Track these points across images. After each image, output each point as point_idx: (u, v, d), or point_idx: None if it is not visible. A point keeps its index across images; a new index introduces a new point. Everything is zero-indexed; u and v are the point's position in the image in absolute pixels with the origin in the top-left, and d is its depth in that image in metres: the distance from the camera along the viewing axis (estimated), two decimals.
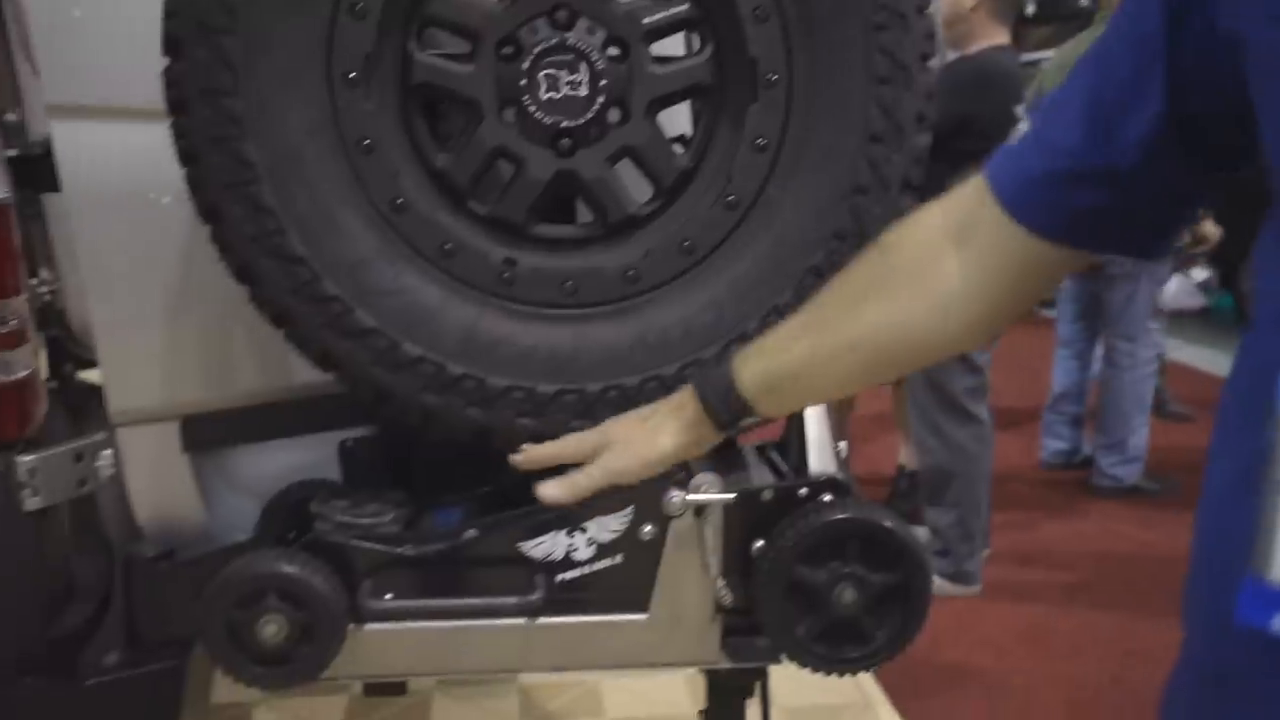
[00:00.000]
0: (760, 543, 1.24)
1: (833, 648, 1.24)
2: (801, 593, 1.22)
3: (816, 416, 1.32)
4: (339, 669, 1.25)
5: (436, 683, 2.72)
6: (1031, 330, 5.04)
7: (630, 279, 1.24)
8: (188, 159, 1.16)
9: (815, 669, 1.25)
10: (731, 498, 1.24)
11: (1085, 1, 4.05)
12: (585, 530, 1.26)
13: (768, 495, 1.25)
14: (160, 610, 1.39)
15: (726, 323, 1.23)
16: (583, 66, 1.19)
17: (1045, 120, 0.81)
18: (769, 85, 1.21)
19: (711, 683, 1.41)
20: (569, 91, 1.19)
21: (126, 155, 1.33)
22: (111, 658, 1.40)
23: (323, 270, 1.17)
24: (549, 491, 1.09)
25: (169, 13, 1.13)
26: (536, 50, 1.18)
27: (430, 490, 1.43)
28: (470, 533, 1.27)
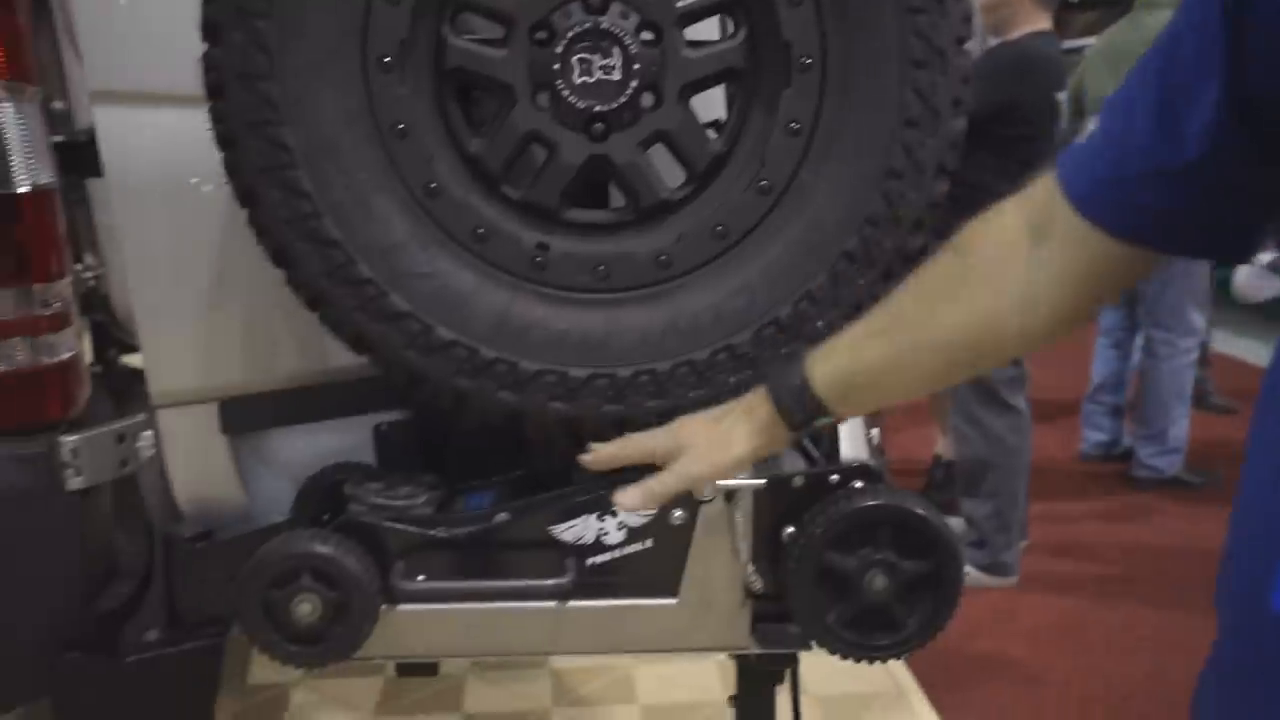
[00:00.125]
0: (791, 529, 1.24)
1: (863, 635, 1.24)
2: (832, 579, 1.22)
3: None
4: (372, 649, 1.27)
5: (470, 666, 2.74)
6: None
7: (662, 264, 1.24)
8: (225, 143, 1.17)
9: (845, 656, 1.25)
10: (762, 483, 1.24)
11: None
12: (616, 514, 1.27)
13: (799, 481, 1.25)
14: (198, 589, 1.41)
15: (758, 308, 1.23)
16: (616, 51, 1.19)
17: (1113, 117, 0.79)
18: (803, 69, 1.20)
19: (741, 669, 1.41)
20: (602, 76, 1.19)
21: (167, 141, 1.35)
22: (152, 635, 1.43)
23: (357, 254, 1.18)
24: (625, 498, 1.05)
25: None
26: (570, 35, 1.18)
27: (463, 474, 1.45)
28: (502, 516, 1.29)
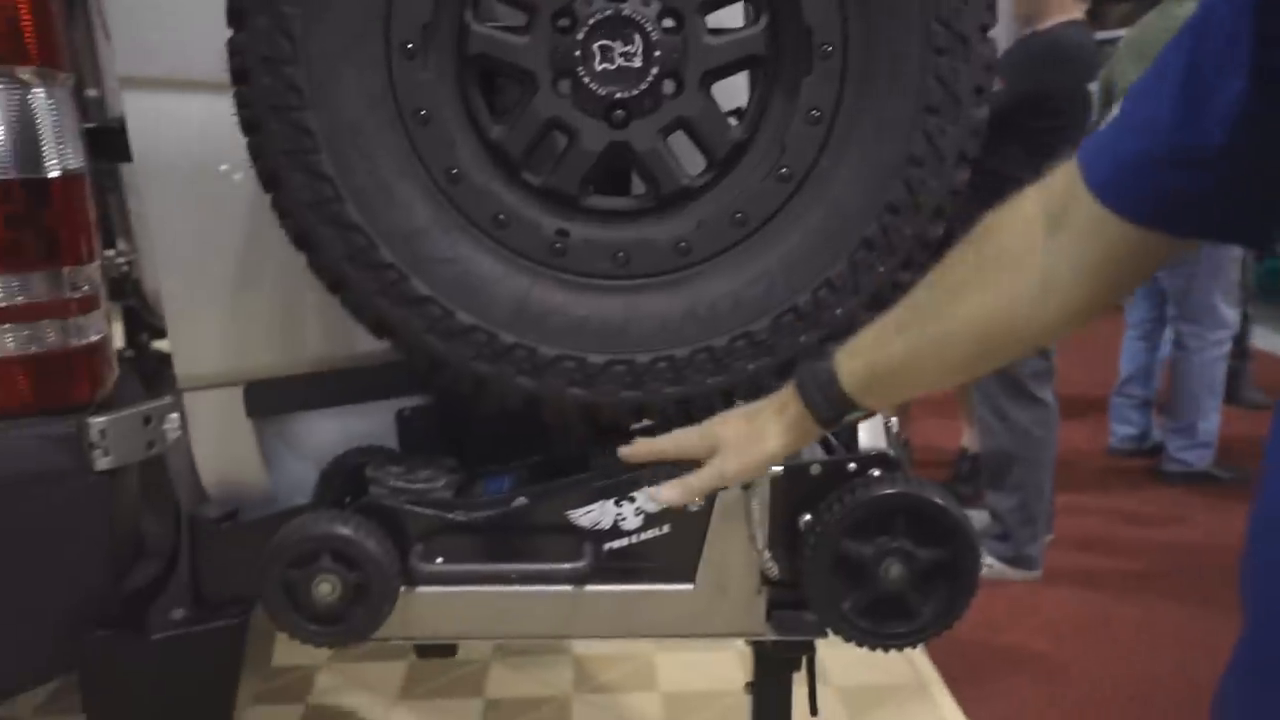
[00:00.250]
0: (808, 516, 1.24)
1: (879, 623, 1.24)
2: (848, 567, 1.22)
3: None
4: (391, 630, 1.28)
5: (492, 651, 2.76)
6: (1102, 316, 4.92)
7: (682, 250, 1.24)
8: (250, 128, 1.18)
9: (860, 644, 1.25)
10: (779, 471, 1.24)
11: None
12: (633, 500, 1.28)
13: (816, 469, 1.25)
14: (223, 570, 1.43)
15: (777, 295, 1.23)
16: (637, 38, 1.19)
17: (1137, 101, 0.78)
18: (824, 56, 1.20)
19: (758, 656, 1.41)
20: (623, 63, 1.20)
21: (195, 126, 1.36)
22: (178, 613, 1.45)
23: (378, 238, 1.19)
24: (666, 494, 1.08)
25: None
26: (591, 21, 1.18)
27: (483, 458, 1.46)
28: (520, 500, 1.30)
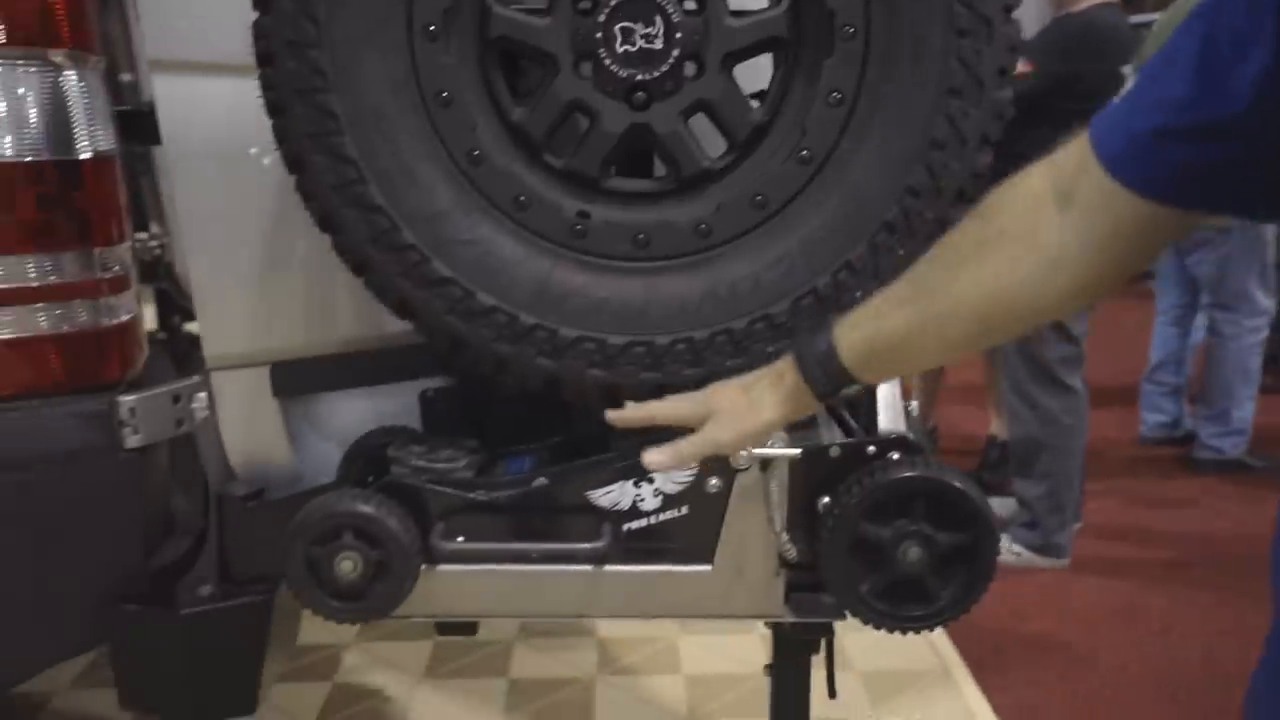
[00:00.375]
0: (826, 499, 1.24)
1: (896, 605, 1.24)
2: (866, 549, 1.22)
3: None
4: (412, 607, 1.30)
5: (517, 632, 2.78)
6: (1133, 303, 4.88)
7: (702, 233, 1.24)
8: (275, 110, 1.20)
9: (878, 626, 1.25)
10: (797, 453, 1.24)
11: None
12: (652, 481, 1.28)
13: (835, 452, 1.25)
14: (249, 547, 1.45)
15: (797, 277, 1.23)
16: (659, 19, 1.19)
17: (1153, 74, 0.77)
18: (846, 38, 1.19)
19: (777, 638, 1.42)
20: (644, 45, 1.20)
21: (223, 109, 1.38)
22: (205, 590, 1.47)
23: (401, 220, 1.20)
24: (654, 457, 1.07)
25: None
26: (613, 3, 1.18)
27: (505, 440, 1.47)
28: (540, 480, 1.31)
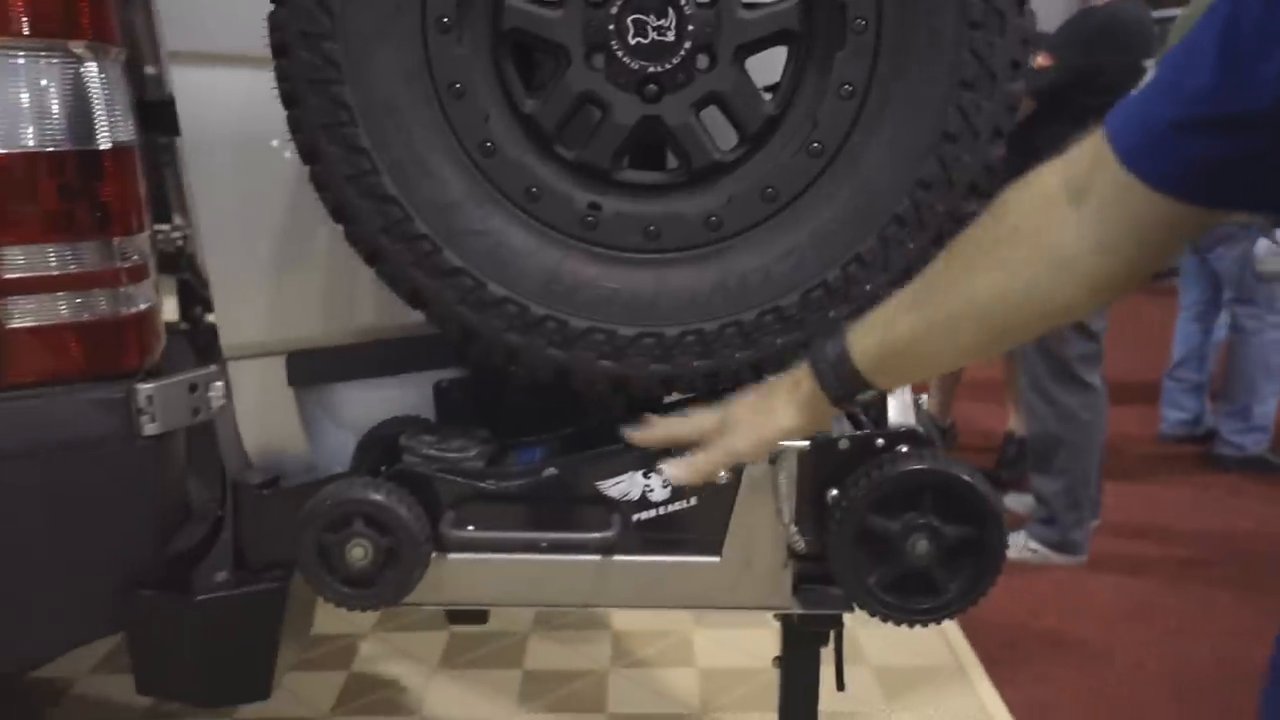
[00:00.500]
0: (834, 491, 1.24)
1: (904, 598, 1.24)
2: (874, 542, 1.22)
3: None
4: (422, 595, 1.31)
5: (532, 625, 2.80)
6: (1155, 299, 4.84)
7: (712, 225, 1.24)
8: (289, 101, 1.21)
9: (885, 619, 1.25)
10: (806, 445, 1.24)
11: None
12: (661, 472, 1.28)
13: (843, 444, 1.25)
14: (264, 534, 1.46)
15: (807, 270, 1.23)
16: (671, 12, 1.19)
17: (1172, 65, 0.75)
18: (858, 30, 1.19)
19: (785, 629, 1.42)
20: (656, 37, 1.20)
21: (240, 100, 1.39)
22: (221, 576, 1.49)
23: (413, 210, 1.21)
24: (673, 472, 1.08)
25: None
26: None
27: (517, 430, 1.48)
28: (550, 470, 1.31)
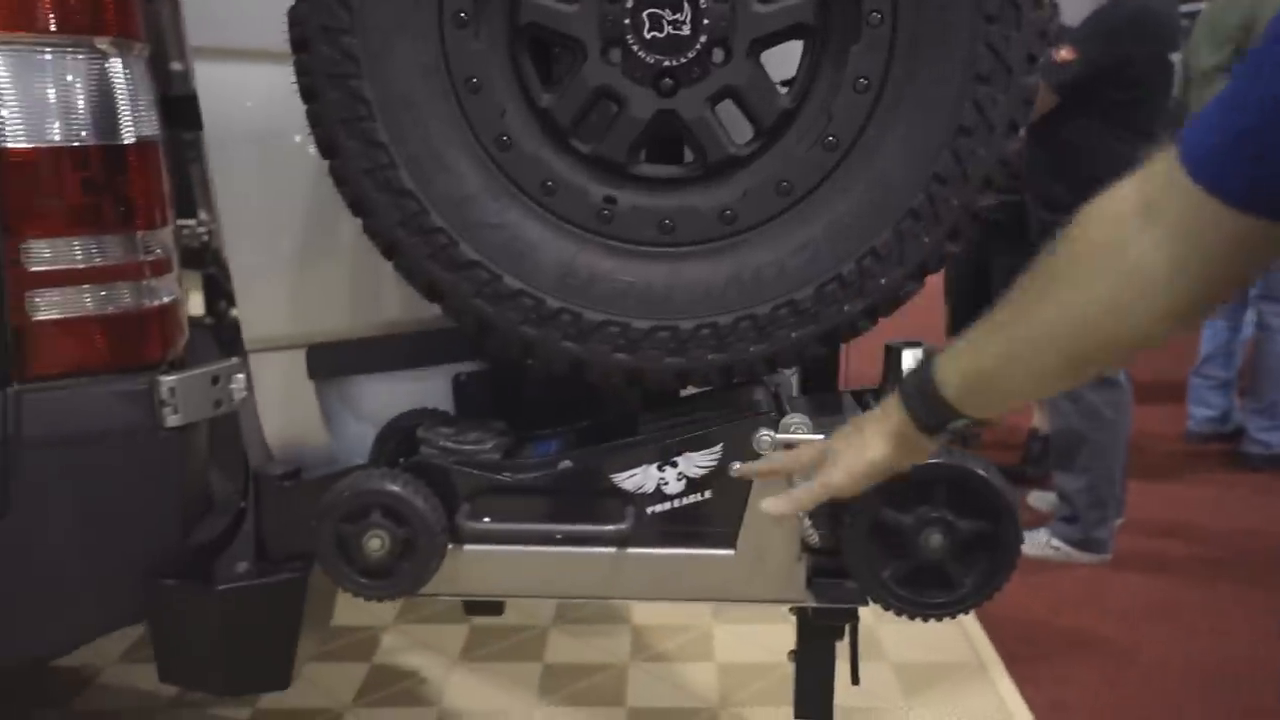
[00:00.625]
0: None
1: (918, 592, 1.24)
2: (887, 536, 1.22)
3: (914, 363, 1.31)
4: (438, 586, 1.32)
5: (552, 618, 2.81)
6: None
7: (727, 218, 1.25)
8: (308, 96, 1.22)
9: (899, 613, 1.25)
10: (820, 439, 1.24)
11: None
12: (676, 465, 1.29)
13: None
14: (285, 525, 1.48)
15: (822, 263, 1.23)
16: (686, 6, 1.20)
17: (1242, 76, 0.72)
18: (873, 25, 1.19)
19: (801, 623, 1.42)
20: (672, 31, 1.20)
21: (261, 95, 1.41)
22: (242, 566, 1.51)
23: (430, 204, 1.22)
24: (773, 505, 1.12)
25: None
26: None
27: (535, 423, 1.48)
28: (565, 463, 1.32)
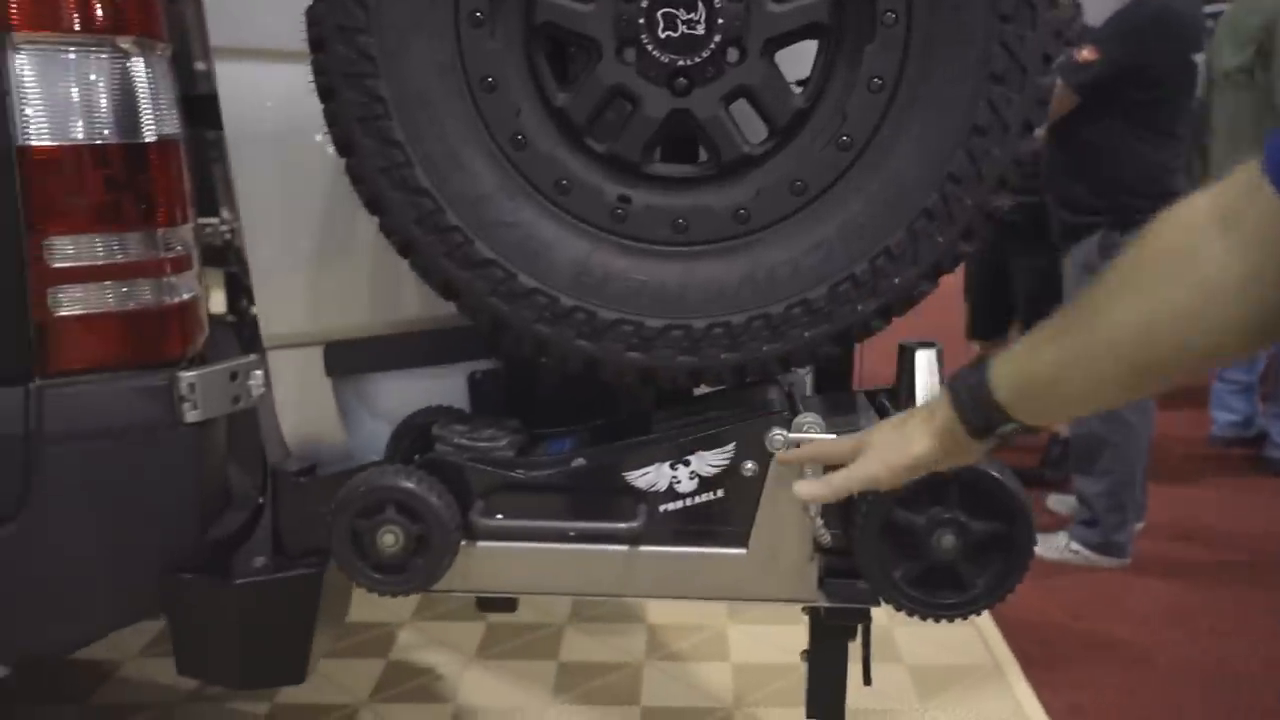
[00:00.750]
0: None
1: (930, 593, 1.24)
2: (900, 536, 1.22)
3: (927, 363, 1.31)
4: (451, 582, 1.33)
5: (568, 616, 2.82)
6: None
7: (741, 218, 1.25)
8: (326, 95, 1.23)
9: (911, 613, 1.25)
10: (832, 438, 1.24)
11: None
12: (688, 463, 1.29)
13: None
14: (301, 521, 1.49)
15: (836, 263, 1.23)
16: (700, 5, 1.20)
17: None
18: (888, 24, 1.19)
19: (813, 623, 1.42)
20: (686, 31, 1.21)
21: (280, 95, 1.42)
22: (259, 561, 1.52)
23: (445, 202, 1.23)
24: (807, 488, 1.09)
25: None
26: None
27: (550, 421, 1.49)
28: (578, 461, 1.33)
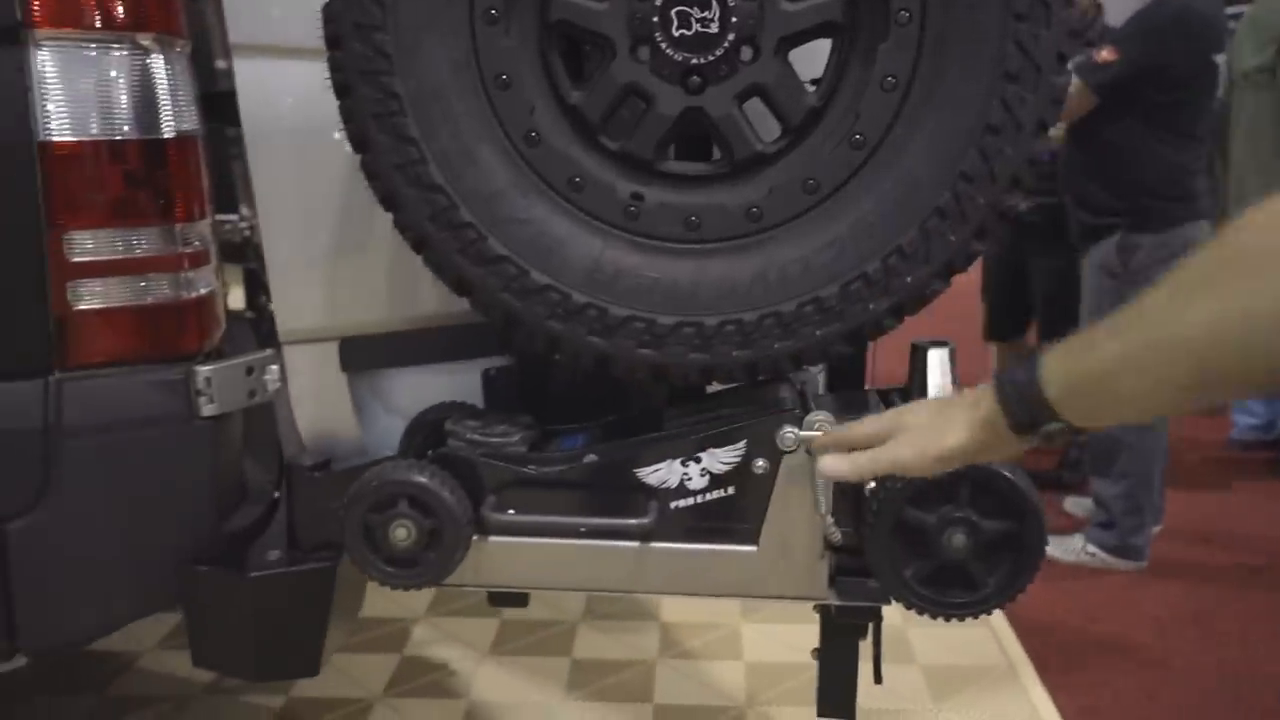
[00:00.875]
0: (872, 483, 1.24)
1: (940, 592, 1.24)
2: (910, 535, 1.22)
3: (940, 363, 1.31)
4: (463, 577, 1.34)
5: (582, 614, 2.82)
6: None
7: (753, 216, 1.25)
8: (341, 91, 1.24)
9: (921, 612, 1.25)
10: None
11: None
12: (699, 460, 1.30)
13: None
14: (315, 515, 1.51)
15: (848, 261, 1.23)
16: (714, 4, 1.20)
17: None
18: (901, 23, 1.19)
19: (823, 621, 1.42)
20: (700, 29, 1.21)
21: (297, 92, 1.43)
22: (274, 555, 1.53)
23: (459, 199, 1.23)
24: (830, 464, 1.04)
25: None
26: None
27: (562, 417, 1.50)
28: (590, 457, 1.33)
